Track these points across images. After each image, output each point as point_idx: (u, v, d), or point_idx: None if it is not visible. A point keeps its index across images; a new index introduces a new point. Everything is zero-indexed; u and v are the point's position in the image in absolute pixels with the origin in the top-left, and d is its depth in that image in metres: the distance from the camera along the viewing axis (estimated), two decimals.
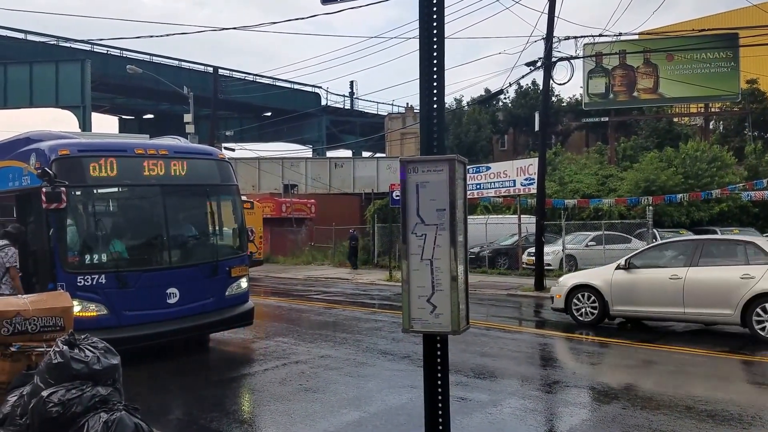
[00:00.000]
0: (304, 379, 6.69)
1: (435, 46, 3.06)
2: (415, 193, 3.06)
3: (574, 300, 10.30)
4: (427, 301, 3.08)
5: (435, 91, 3.03)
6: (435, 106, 3.05)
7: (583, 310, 10.17)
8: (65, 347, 3.98)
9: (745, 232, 19.51)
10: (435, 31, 3.02)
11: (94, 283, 6.83)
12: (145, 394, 5.97)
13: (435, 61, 3.10)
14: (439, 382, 3.11)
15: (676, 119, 37.31)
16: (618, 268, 9.94)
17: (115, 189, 7.57)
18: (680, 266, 9.28)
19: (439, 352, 3.17)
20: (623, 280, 9.75)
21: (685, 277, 9.10)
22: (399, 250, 16.66)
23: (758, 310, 8.47)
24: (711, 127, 36.15)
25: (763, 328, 8.51)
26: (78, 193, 6.97)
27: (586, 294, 10.15)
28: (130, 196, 7.73)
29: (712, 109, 35.32)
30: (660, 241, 11.67)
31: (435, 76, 3.05)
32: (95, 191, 7.33)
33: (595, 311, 10.00)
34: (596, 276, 10.28)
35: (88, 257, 7.06)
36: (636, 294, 9.62)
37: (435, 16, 3.07)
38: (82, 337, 4.18)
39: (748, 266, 8.78)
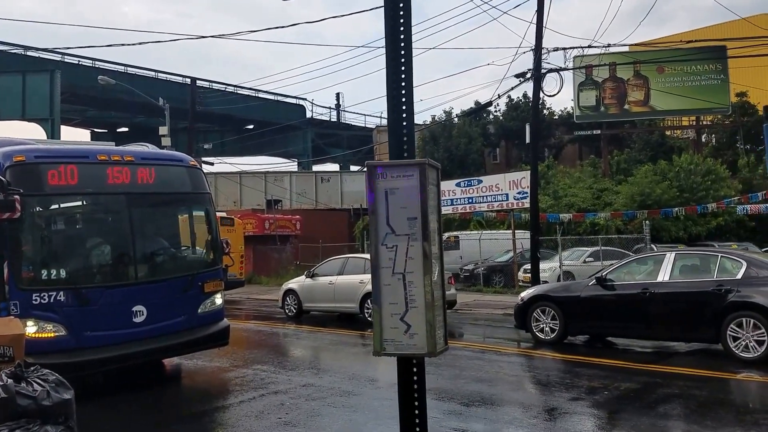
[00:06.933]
0: (284, 411, 6.22)
1: (402, 44, 2.79)
2: (384, 200, 2.75)
3: (286, 300, 14.30)
4: (401, 319, 2.76)
5: (403, 91, 2.74)
6: (404, 107, 2.76)
7: (290, 307, 14.16)
8: (10, 381, 3.61)
9: (743, 246, 19.29)
10: (402, 20, 2.75)
11: (52, 300, 6.33)
12: (103, 431, 5.54)
13: (403, 60, 2.81)
14: (417, 412, 2.78)
15: (668, 132, 37.37)
16: (306, 277, 14.03)
17: (76, 198, 7.09)
18: (335, 275, 13.38)
19: (415, 377, 2.84)
20: (308, 285, 13.83)
21: (336, 282, 13.25)
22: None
23: (368, 302, 12.11)
24: (703, 140, 36.18)
25: (370, 315, 11.81)
26: (34, 202, 6.51)
27: (291, 296, 14.16)
28: (92, 205, 7.24)
29: (704, 122, 35.41)
30: (327, 259, 15.03)
31: (403, 75, 2.77)
32: (53, 200, 6.87)
33: (296, 308, 13.98)
34: (296, 282, 14.41)
35: (44, 272, 6.56)
36: (313, 294, 13.67)
37: (401, 4, 2.80)
38: (32, 368, 3.79)
39: (364, 275, 12.47)
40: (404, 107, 2.78)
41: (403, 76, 2.76)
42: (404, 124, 2.79)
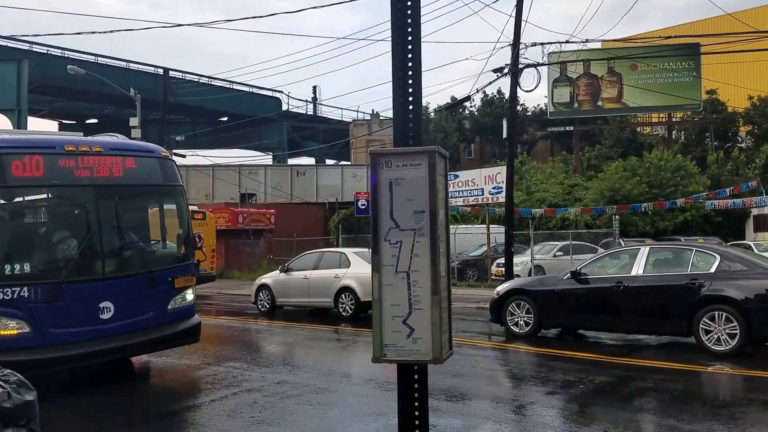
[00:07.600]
0: (257, 410, 5.97)
1: (410, 20, 2.56)
2: (388, 192, 2.51)
3: (259, 295, 13.80)
4: (403, 322, 2.53)
5: (410, 72, 2.52)
6: (410, 89, 2.53)
7: (263, 302, 13.67)
8: None
9: (709, 241, 19.74)
10: (410, 2, 2.52)
11: (15, 296, 6.03)
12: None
13: (410, 39, 2.59)
14: (417, 422, 2.56)
15: (639, 129, 38.03)
16: (281, 271, 13.56)
17: (42, 190, 6.78)
18: (309, 269, 13.05)
19: (416, 385, 2.61)
20: (282, 280, 13.41)
21: (310, 276, 12.91)
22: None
23: (342, 296, 12.33)
24: (673, 136, 36.98)
25: (344, 309, 12.29)
26: None
27: (264, 291, 13.70)
28: (58, 198, 6.91)
29: (674, 119, 36.13)
30: (302, 254, 14.72)
31: (410, 55, 2.54)
32: (17, 192, 6.54)
33: (269, 303, 13.52)
34: (270, 277, 13.91)
35: (8, 267, 6.22)
36: (287, 289, 13.27)
37: None
38: None
39: (339, 269, 12.54)
40: (411, 90, 2.54)
41: (410, 56, 2.52)
42: (410, 108, 2.55)
